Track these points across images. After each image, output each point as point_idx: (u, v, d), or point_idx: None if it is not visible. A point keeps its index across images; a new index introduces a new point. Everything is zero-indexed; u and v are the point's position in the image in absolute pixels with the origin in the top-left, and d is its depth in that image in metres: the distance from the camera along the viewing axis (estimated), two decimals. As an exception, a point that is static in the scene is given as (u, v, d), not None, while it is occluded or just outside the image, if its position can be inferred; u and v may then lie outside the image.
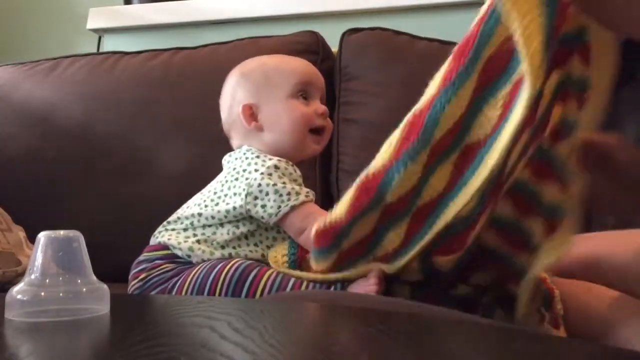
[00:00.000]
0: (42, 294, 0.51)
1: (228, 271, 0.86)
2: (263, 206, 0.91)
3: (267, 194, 0.91)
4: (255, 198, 0.91)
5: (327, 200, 1.34)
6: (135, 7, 1.87)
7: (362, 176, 0.71)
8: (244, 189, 0.92)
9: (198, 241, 0.93)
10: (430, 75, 0.68)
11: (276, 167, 0.93)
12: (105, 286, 0.53)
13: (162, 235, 0.95)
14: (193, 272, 0.89)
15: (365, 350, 0.41)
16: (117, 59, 1.49)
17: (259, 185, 0.91)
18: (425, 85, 0.68)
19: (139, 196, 1.04)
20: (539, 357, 0.42)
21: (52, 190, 1.38)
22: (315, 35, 1.44)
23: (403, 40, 1.38)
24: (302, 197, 0.91)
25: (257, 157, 0.96)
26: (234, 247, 0.93)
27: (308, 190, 0.93)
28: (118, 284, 0.95)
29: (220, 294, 0.85)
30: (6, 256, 1.11)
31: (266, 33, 1.44)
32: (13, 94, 1.48)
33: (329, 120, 1.03)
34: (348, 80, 1.38)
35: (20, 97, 1.47)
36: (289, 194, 0.91)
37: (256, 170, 0.93)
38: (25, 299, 0.50)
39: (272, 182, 0.91)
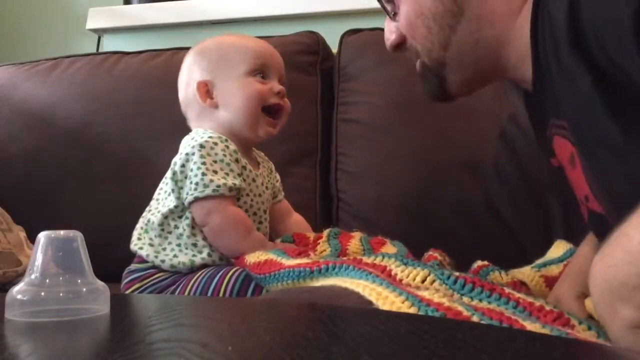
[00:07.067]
0: (42, 294, 0.51)
1: (229, 282, 0.85)
2: (181, 188, 0.92)
3: (186, 176, 0.92)
4: (180, 180, 0.93)
5: (326, 200, 1.33)
6: (135, 7, 1.87)
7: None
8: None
9: (175, 255, 0.92)
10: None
11: (202, 146, 0.92)
12: (105, 286, 0.53)
13: (141, 248, 0.94)
14: (191, 283, 0.88)
15: (366, 350, 0.42)
16: (117, 59, 1.49)
17: (182, 165, 0.93)
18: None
19: (138, 196, 1.03)
20: (539, 357, 0.42)
21: (52, 190, 1.38)
22: (315, 35, 1.44)
23: (403, 40, 1.38)
24: (208, 190, 0.89)
25: (192, 138, 0.95)
26: (204, 244, 0.92)
27: (224, 182, 0.91)
28: (118, 284, 0.95)
29: None
30: (7, 256, 1.11)
31: (266, 33, 1.44)
32: (13, 94, 1.48)
33: (286, 101, 1.01)
34: (347, 80, 1.38)
35: (20, 97, 1.47)
36: (197, 183, 0.90)
37: (182, 152, 0.94)
38: (25, 299, 0.50)
39: (190, 165, 0.91)
